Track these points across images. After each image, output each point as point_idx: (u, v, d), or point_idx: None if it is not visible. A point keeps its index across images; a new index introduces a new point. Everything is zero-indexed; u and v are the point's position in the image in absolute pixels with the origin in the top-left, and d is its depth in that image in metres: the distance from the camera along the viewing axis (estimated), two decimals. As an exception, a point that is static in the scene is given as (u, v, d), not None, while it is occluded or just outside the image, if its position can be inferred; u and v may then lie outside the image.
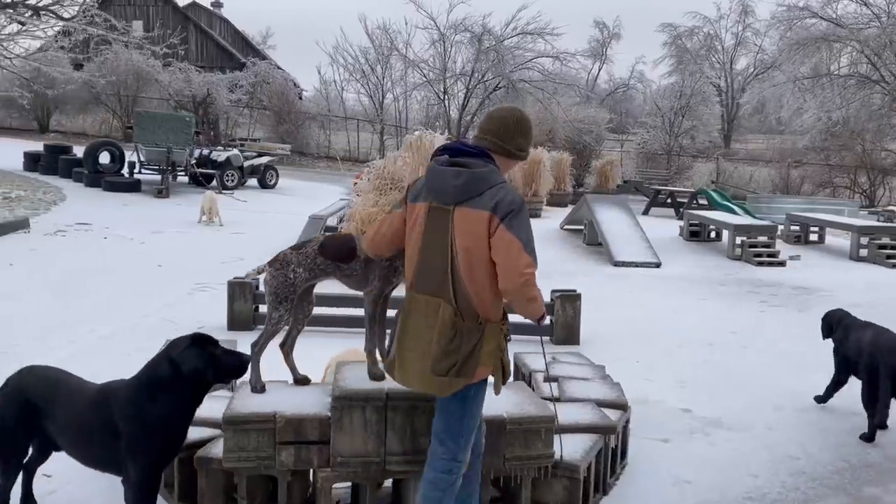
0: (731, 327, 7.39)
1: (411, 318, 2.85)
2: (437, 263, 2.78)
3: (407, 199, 2.95)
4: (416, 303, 2.84)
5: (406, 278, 2.95)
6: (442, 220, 2.76)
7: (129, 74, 31.36)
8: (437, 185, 2.78)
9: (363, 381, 3.16)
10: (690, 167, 32.69)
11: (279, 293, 3.33)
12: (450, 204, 2.75)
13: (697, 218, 13.87)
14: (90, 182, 17.66)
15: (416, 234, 2.84)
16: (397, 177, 9.35)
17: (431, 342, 2.75)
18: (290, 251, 3.42)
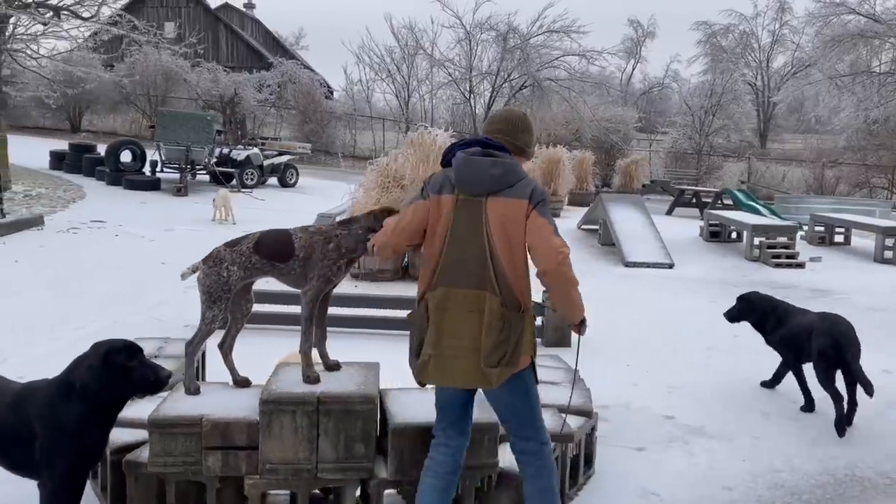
0: (734, 331, 7.06)
1: (449, 315, 2.76)
2: (473, 256, 2.75)
3: (430, 193, 2.85)
4: (454, 298, 2.76)
5: (423, 275, 2.87)
6: (473, 211, 2.75)
7: (157, 75, 31.75)
8: (471, 175, 2.77)
9: (296, 385, 3.03)
10: (721, 167, 32.04)
11: (212, 292, 3.21)
12: (482, 194, 2.75)
13: (717, 218, 13.49)
14: (112, 180, 17.88)
15: (441, 229, 2.79)
16: (399, 174, 9.22)
17: (477, 336, 2.73)
18: (223, 248, 3.30)
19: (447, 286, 2.77)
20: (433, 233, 2.82)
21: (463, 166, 2.78)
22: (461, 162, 2.79)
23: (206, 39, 41.75)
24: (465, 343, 2.74)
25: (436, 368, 2.79)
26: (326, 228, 3.33)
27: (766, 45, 45.10)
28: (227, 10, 46.50)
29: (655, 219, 18.52)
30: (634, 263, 10.84)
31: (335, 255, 3.21)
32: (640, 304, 8.36)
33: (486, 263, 2.74)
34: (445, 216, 2.78)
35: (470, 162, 2.78)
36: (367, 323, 6.65)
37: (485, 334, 2.72)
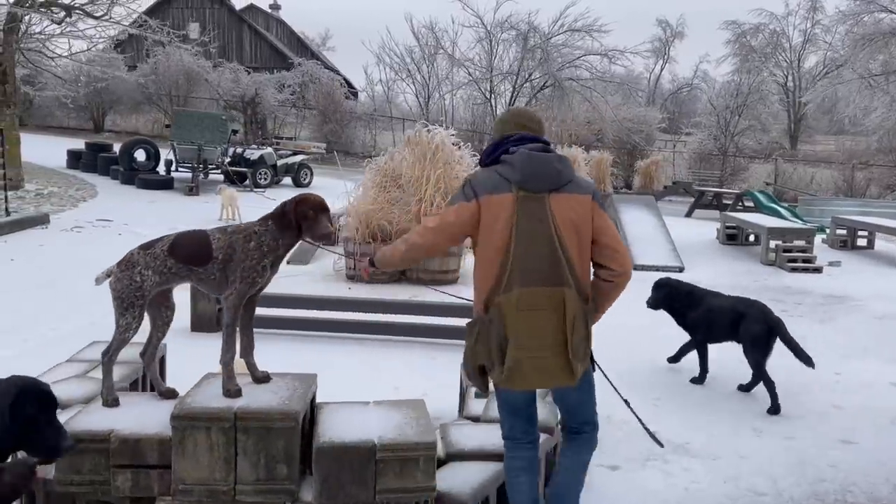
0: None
1: (530, 315, 2.66)
2: (543, 253, 2.69)
3: (477, 194, 2.74)
4: (533, 297, 2.66)
5: (484, 281, 2.75)
6: (537, 208, 2.70)
7: (179, 75, 31.93)
8: (538, 171, 2.73)
9: (214, 398, 2.80)
10: (746, 168, 31.38)
11: (124, 298, 3.00)
12: (544, 190, 2.72)
13: (734, 220, 13.07)
14: (125, 179, 17.92)
15: (502, 228, 2.69)
16: (397, 173, 8.98)
17: (559, 334, 2.68)
18: (137, 251, 3.08)
19: (523, 286, 2.67)
20: (490, 234, 2.72)
21: (528, 162, 2.73)
22: (526, 158, 2.74)
23: (229, 40, 42.10)
24: (549, 342, 2.68)
25: (528, 372, 2.70)
26: (246, 226, 3.09)
27: (798, 44, 44.12)
28: (252, 11, 46.78)
29: (674, 220, 18.16)
30: (642, 266, 10.47)
31: (258, 255, 2.98)
32: (640, 308, 8.01)
33: (560, 260, 2.69)
34: (506, 215, 2.69)
35: (536, 158, 2.75)
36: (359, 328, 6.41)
37: (571, 331, 2.68)
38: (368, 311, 6.38)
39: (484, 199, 2.72)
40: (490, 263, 2.73)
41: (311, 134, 32.62)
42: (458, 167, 8.82)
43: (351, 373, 5.32)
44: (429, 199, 8.48)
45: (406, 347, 6.09)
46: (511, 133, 2.87)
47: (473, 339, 2.79)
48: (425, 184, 8.49)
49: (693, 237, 14.05)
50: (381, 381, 5.15)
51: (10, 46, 14.78)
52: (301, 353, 5.72)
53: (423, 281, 8.75)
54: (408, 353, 5.95)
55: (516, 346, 2.66)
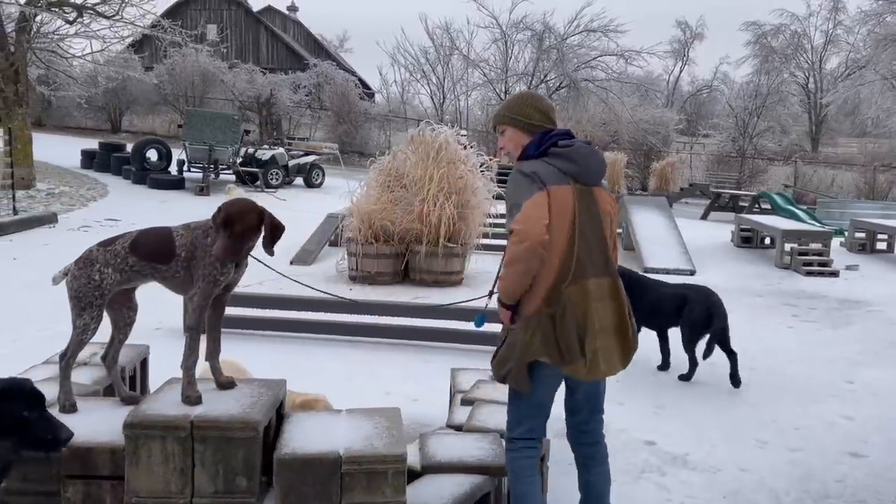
0: (745, 344, 6.49)
1: (593, 308, 2.68)
2: (597, 245, 2.75)
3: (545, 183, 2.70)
4: (596, 289, 2.70)
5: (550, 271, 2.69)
6: (590, 200, 2.77)
7: (195, 76, 32.05)
8: (587, 165, 2.78)
9: (173, 406, 2.64)
10: (765, 170, 30.92)
11: (82, 297, 2.86)
12: (591, 184, 2.79)
13: (748, 223, 12.78)
14: (137, 179, 17.93)
15: (564, 221, 2.69)
16: (401, 172, 8.83)
17: (618, 323, 2.75)
18: (96, 248, 2.95)
19: (587, 278, 2.69)
20: (557, 226, 2.68)
21: (590, 156, 2.80)
22: (588, 153, 2.80)
23: (246, 41, 42.29)
24: (612, 331, 2.74)
25: (602, 362, 2.70)
26: (205, 222, 2.94)
27: (819, 45, 43.44)
28: (269, 13, 47.01)
29: (690, 223, 17.86)
30: (653, 269, 10.24)
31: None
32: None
33: (608, 250, 2.78)
34: (569, 208, 2.70)
35: (591, 152, 2.82)
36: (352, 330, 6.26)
37: (627, 319, 2.78)
38: (363, 314, 6.21)
39: (553, 189, 2.69)
40: (553, 256, 2.67)
41: (326, 135, 32.58)
42: (462, 167, 8.65)
43: (341, 377, 5.17)
44: (431, 199, 8.31)
45: (400, 351, 5.93)
46: (546, 126, 2.87)
47: (528, 335, 2.71)
48: (428, 183, 8.33)
49: (708, 240, 13.78)
50: (372, 387, 5.00)
51: (22, 46, 14.81)
52: (290, 357, 5.59)
53: (425, 282, 8.60)
54: (402, 356, 5.79)
55: (591, 338, 2.67)
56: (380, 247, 8.58)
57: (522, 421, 2.85)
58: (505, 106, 2.98)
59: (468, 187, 8.66)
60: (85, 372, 3.78)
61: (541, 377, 2.76)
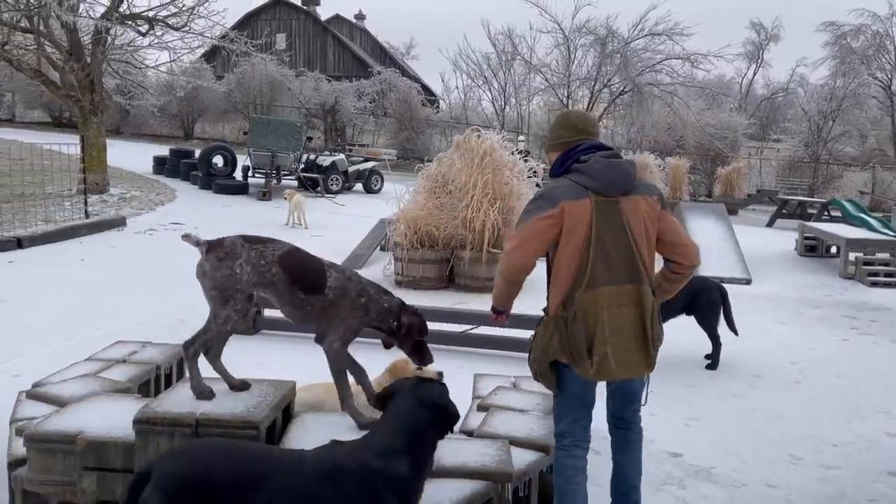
0: (795, 356, 6.31)
1: (611, 312, 2.84)
2: (619, 253, 2.87)
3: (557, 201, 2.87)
4: (612, 295, 2.85)
5: (564, 280, 2.90)
6: (612, 210, 2.87)
7: (263, 84, 32.96)
8: (612, 177, 2.90)
9: (179, 403, 2.75)
10: (840, 176, 29.76)
11: (224, 289, 2.85)
12: (615, 194, 2.89)
13: (813, 231, 12.33)
14: (204, 184, 18.54)
15: (580, 233, 2.85)
16: (448, 178, 8.88)
17: (638, 328, 2.88)
18: (240, 242, 2.95)
19: (606, 285, 2.84)
20: (570, 237, 2.86)
21: (605, 169, 2.90)
22: (603, 165, 2.91)
23: (314, 50, 43.25)
24: (632, 335, 2.87)
25: (614, 364, 2.85)
26: (358, 279, 3.10)
27: (902, 46, 41.50)
28: (337, 22, 47.95)
29: (755, 231, 17.34)
30: (707, 278, 10.01)
31: (361, 314, 2.97)
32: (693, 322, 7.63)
33: (636, 258, 2.87)
34: (584, 220, 2.85)
35: (612, 165, 2.92)
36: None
37: (650, 324, 2.89)
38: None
39: (565, 206, 2.85)
40: (569, 264, 2.87)
41: (388, 141, 33.01)
42: (507, 173, 8.65)
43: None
44: (475, 205, 8.34)
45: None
46: (575, 141, 3.02)
47: (548, 336, 2.94)
48: (472, 189, 8.36)
49: (771, 248, 13.38)
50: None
51: (97, 57, 15.54)
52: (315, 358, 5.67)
53: (470, 288, 8.62)
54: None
55: (601, 341, 2.82)
56: (425, 252, 8.66)
57: (563, 417, 3.05)
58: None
59: (513, 193, 8.65)
60: (120, 370, 3.96)
61: (567, 375, 2.95)
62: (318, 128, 34.15)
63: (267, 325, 6.44)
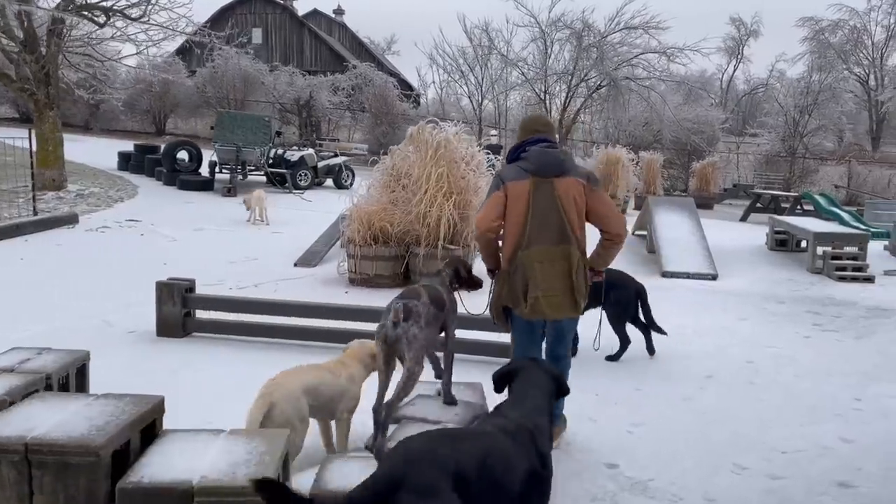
0: (752, 355, 6.03)
1: (538, 267, 3.65)
2: (552, 221, 3.67)
3: (504, 182, 3.75)
4: (543, 253, 3.66)
5: (510, 243, 3.76)
6: (546, 188, 3.68)
7: (236, 79, 32.40)
8: (545, 162, 3.74)
9: (13, 425, 2.38)
10: (816, 171, 29.70)
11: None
12: (550, 175, 3.70)
13: (782, 225, 12.10)
14: (168, 180, 18.06)
15: (521, 206, 3.68)
16: (403, 172, 8.53)
17: (566, 279, 3.66)
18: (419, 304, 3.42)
19: (538, 245, 3.65)
20: (514, 210, 3.70)
21: (541, 156, 3.76)
22: (539, 154, 3.78)
23: (290, 45, 42.66)
24: (559, 284, 3.67)
25: (544, 305, 3.67)
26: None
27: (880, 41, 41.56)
28: (315, 17, 47.36)
29: (727, 225, 17.14)
30: (672, 273, 9.74)
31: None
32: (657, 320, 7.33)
33: (564, 225, 3.66)
34: (525, 196, 3.68)
35: (546, 153, 3.78)
36: (312, 335, 5.91)
37: (575, 276, 3.68)
38: (331, 319, 5.90)
39: (510, 185, 3.71)
40: (514, 231, 3.70)
41: (364, 136, 32.56)
42: (464, 166, 8.31)
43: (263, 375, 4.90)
44: (429, 200, 8.00)
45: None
46: (528, 137, 3.90)
47: (500, 286, 3.85)
48: (425, 183, 8.02)
49: (742, 242, 13.14)
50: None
51: (52, 49, 15.01)
52: (247, 363, 5.33)
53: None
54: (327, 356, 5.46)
55: (535, 287, 3.65)
56: (378, 249, 8.31)
57: (516, 349, 3.92)
58: None
59: (470, 187, 8.32)
60: (4, 380, 3.58)
61: (513, 316, 3.86)
62: (292, 123, 33.66)
63: (197, 328, 6.06)
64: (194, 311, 6.06)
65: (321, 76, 34.15)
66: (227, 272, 8.95)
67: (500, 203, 3.70)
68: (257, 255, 10.28)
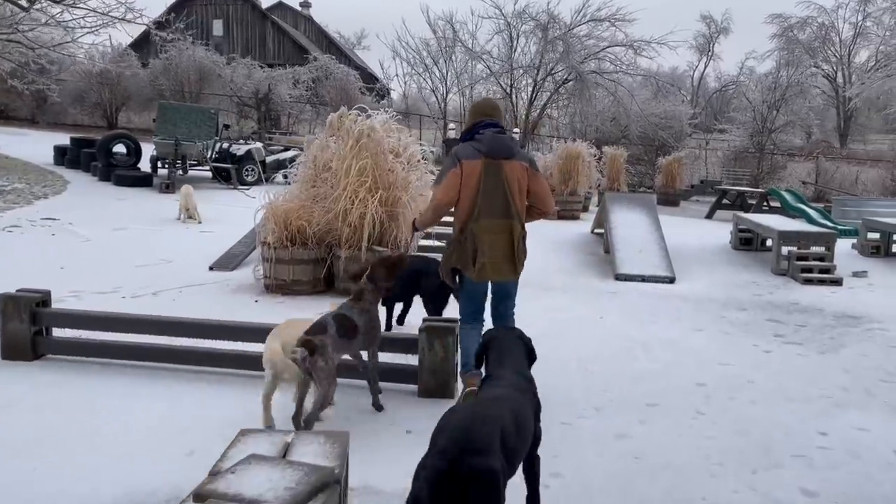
0: (704, 375, 5.23)
1: (486, 237, 4.22)
2: (499, 198, 4.25)
3: (460, 160, 4.27)
4: (491, 226, 4.23)
5: (462, 214, 4.28)
6: (495, 168, 4.26)
7: (191, 71, 31.23)
8: (496, 146, 4.30)
9: None
10: (784, 167, 29.27)
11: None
12: (499, 158, 4.29)
13: (746, 223, 11.38)
14: (103, 176, 16.97)
15: (474, 182, 4.24)
16: (323, 164, 7.63)
17: (509, 248, 4.27)
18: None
19: (487, 218, 4.21)
20: (467, 185, 4.23)
21: (492, 140, 4.29)
22: (491, 138, 4.30)
23: (252, 37, 41.53)
24: (502, 253, 4.26)
25: (489, 270, 4.26)
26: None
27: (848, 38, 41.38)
28: (280, 10, 46.44)
29: (693, 223, 16.45)
30: (626, 276, 8.96)
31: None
32: (601, 333, 6.52)
33: (509, 202, 4.24)
34: (477, 174, 4.23)
35: (497, 138, 4.32)
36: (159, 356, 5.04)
37: (516, 246, 4.28)
38: (215, 338, 4.99)
39: (465, 163, 4.24)
40: (466, 204, 4.22)
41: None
42: (391, 158, 7.43)
43: (157, 417, 4.01)
44: (348, 196, 7.11)
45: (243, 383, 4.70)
46: (480, 119, 4.41)
47: (450, 251, 4.37)
48: (345, 176, 7.13)
49: (705, 241, 12.44)
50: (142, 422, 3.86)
51: (-32, 34, 13.90)
52: (105, 395, 4.42)
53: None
54: (243, 389, 4.56)
55: (482, 254, 4.21)
56: (295, 251, 7.41)
57: (464, 307, 4.44)
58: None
59: (400, 182, 7.44)
60: None
61: (463, 277, 4.35)
62: (251, 117, 32.52)
63: (53, 349, 5.10)
64: (49, 328, 5.11)
65: (280, 69, 33.08)
66: (129, 278, 8.01)
67: (457, 179, 4.23)
68: (175, 256, 9.34)
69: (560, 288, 8.29)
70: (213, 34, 41.35)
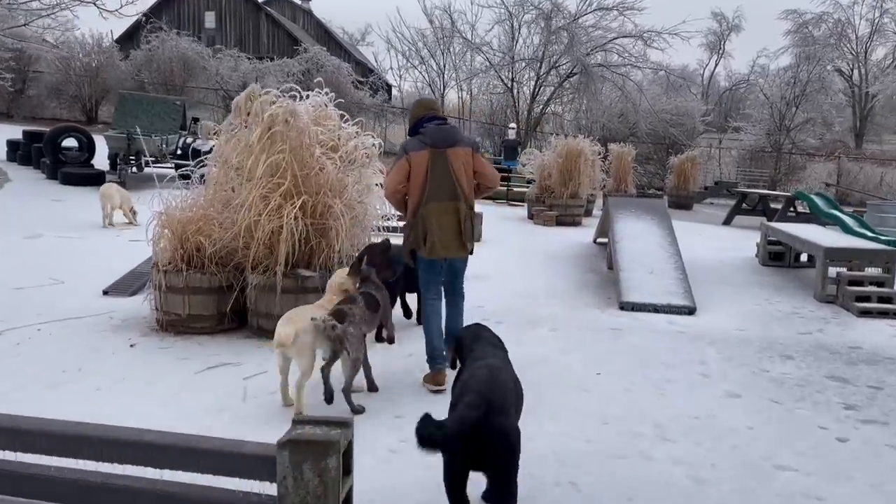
0: (752, 497, 3.34)
1: (434, 219, 4.67)
2: (446, 182, 4.69)
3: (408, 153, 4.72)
4: (438, 208, 4.68)
5: (414, 200, 4.72)
6: (441, 157, 4.69)
7: (175, 63, 29.54)
8: (440, 136, 4.74)
9: None
10: (804, 167, 27.28)
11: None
12: (443, 147, 4.72)
13: (779, 234, 9.46)
14: (51, 173, 15.18)
15: (422, 170, 4.68)
16: (228, 161, 5.76)
17: (457, 228, 4.72)
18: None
19: (434, 202, 4.68)
20: (416, 175, 4.70)
21: (436, 132, 4.77)
22: (434, 129, 4.79)
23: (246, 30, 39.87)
24: (451, 233, 4.73)
25: (440, 248, 4.71)
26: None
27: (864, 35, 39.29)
28: (279, 3, 44.94)
29: (709, 231, 14.50)
30: (633, 305, 7.05)
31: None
32: (590, 402, 4.64)
33: (455, 186, 4.71)
34: (425, 163, 4.68)
35: (441, 129, 4.82)
36: None
37: (463, 226, 4.77)
38: None
39: (413, 155, 4.73)
40: (416, 191, 4.71)
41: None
42: (320, 152, 5.56)
43: None
44: (255, 201, 5.25)
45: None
46: (424, 115, 4.94)
47: (408, 232, 4.84)
48: (250, 177, 5.27)
49: (727, 254, 10.56)
50: None
51: None
52: None
53: (265, 331, 5.52)
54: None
55: (432, 234, 4.70)
56: (191, 276, 5.55)
57: (424, 283, 4.93)
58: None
59: (333, 185, 5.58)
60: None
61: (418, 255, 4.84)
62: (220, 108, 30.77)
63: None
64: None
65: (268, 61, 31.32)
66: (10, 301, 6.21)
67: (404, 170, 4.70)
68: (73, 275, 7.53)
69: (548, 323, 6.40)
70: (206, 26, 39.79)
